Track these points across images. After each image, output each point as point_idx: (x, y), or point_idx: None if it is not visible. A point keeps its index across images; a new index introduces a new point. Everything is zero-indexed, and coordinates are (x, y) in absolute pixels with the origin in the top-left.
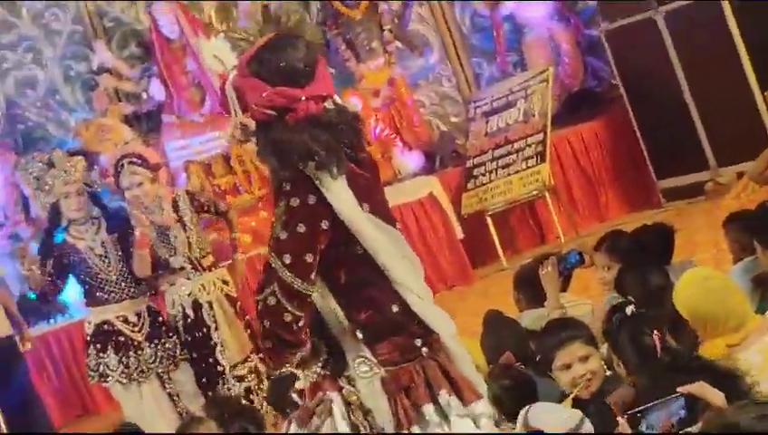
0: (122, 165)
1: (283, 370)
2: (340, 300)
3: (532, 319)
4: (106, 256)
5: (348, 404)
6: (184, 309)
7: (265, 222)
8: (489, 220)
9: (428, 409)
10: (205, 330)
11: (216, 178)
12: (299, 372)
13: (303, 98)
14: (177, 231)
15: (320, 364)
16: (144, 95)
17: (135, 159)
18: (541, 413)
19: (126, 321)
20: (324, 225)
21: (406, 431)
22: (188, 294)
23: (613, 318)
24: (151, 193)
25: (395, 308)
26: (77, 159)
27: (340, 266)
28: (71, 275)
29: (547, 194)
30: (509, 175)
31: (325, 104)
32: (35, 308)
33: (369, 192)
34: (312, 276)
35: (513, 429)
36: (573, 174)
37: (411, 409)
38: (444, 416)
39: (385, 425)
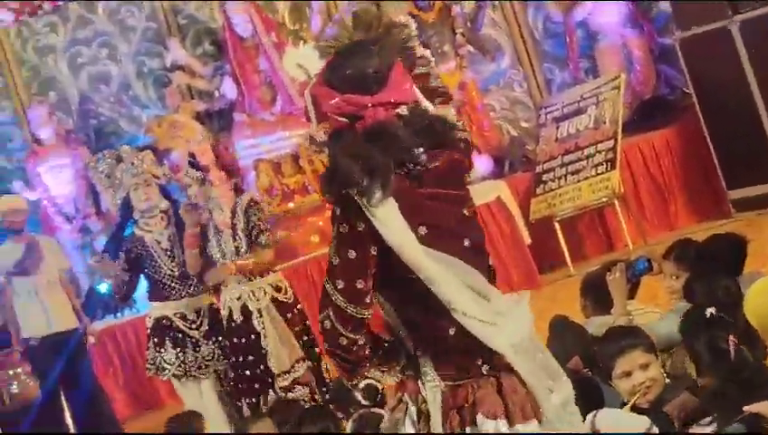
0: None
1: (357, 381)
2: (401, 320)
3: (598, 326)
4: (171, 251)
5: (419, 411)
6: (231, 312)
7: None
8: (557, 226)
9: (470, 430)
10: (253, 337)
11: (285, 178)
12: (379, 376)
13: (370, 105)
14: (227, 237)
15: (399, 367)
16: (216, 93)
17: (190, 159)
18: (610, 418)
19: (184, 318)
20: (374, 251)
21: None
22: (238, 298)
23: (693, 318)
24: (202, 195)
25: (452, 331)
26: (144, 152)
27: (394, 288)
28: (141, 268)
29: (616, 201)
30: (578, 181)
31: (398, 111)
32: (103, 301)
33: (427, 211)
34: (367, 300)
35: None
36: (643, 182)
37: (458, 428)
38: None
39: None
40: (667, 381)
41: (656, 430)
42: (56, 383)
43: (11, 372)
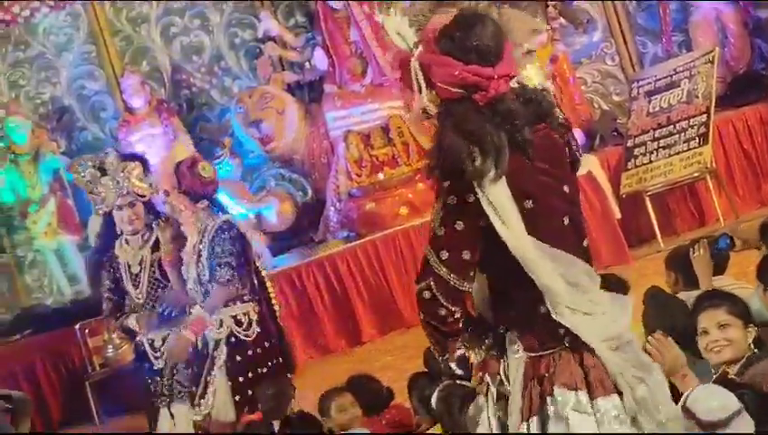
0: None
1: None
2: (492, 292)
3: (686, 300)
4: (137, 277)
5: (499, 394)
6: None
7: (422, 194)
8: (648, 201)
9: (550, 400)
10: (205, 369)
11: (375, 149)
12: (468, 353)
13: (496, 76)
14: (190, 264)
15: (484, 345)
16: (307, 64)
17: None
18: (699, 397)
19: (152, 346)
20: (483, 222)
21: (526, 422)
22: None
23: None
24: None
25: (543, 309)
26: (131, 165)
27: (492, 260)
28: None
29: (708, 176)
30: (670, 156)
31: (510, 84)
32: None
33: (537, 186)
34: (471, 273)
35: None
36: (736, 157)
37: (538, 398)
38: (560, 410)
39: (514, 411)
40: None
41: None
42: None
43: (106, 337)
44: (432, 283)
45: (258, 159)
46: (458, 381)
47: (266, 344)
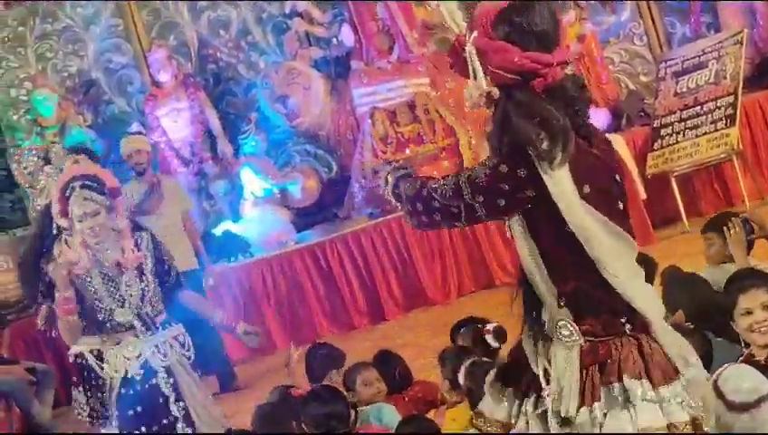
0: (73, 188)
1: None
2: (548, 267)
3: (725, 272)
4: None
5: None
6: (127, 374)
7: (446, 172)
8: (673, 181)
9: (617, 386)
10: (161, 400)
11: (401, 127)
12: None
13: (555, 63)
14: (132, 278)
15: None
16: (334, 40)
17: (89, 182)
18: (730, 377)
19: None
20: (530, 193)
21: (587, 407)
22: (137, 357)
23: None
24: (106, 225)
25: (599, 288)
26: (78, 157)
27: (549, 235)
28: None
29: (735, 158)
30: (697, 137)
31: (566, 71)
32: (217, 245)
33: (593, 171)
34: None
35: None
36: (762, 139)
37: (599, 385)
38: (628, 398)
39: (570, 397)
40: None
41: None
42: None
43: None
44: (463, 208)
45: (284, 134)
46: (485, 358)
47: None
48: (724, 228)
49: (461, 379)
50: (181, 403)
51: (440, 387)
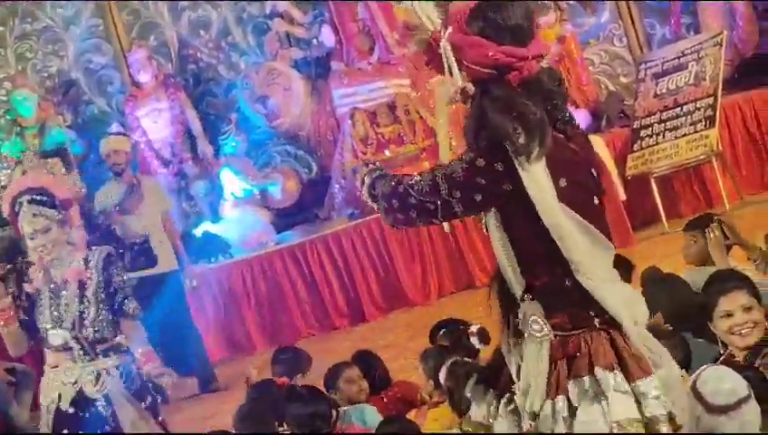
0: (20, 204)
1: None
2: (520, 261)
3: (703, 274)
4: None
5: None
6: (59, 402)
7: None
8: (653, 183)
9: (587, 379)
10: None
11: (381, 127)
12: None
13: (530, 57)
14: (71, 296)
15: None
16: (314, 41)
17: (37, 196)
18: (709, 378)
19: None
20: (507, 187)
21: (551, 400)
22: (73, 383)
23: None
24: (60, 240)
25: (568, 282)
26: (52, 162)
27: (523, 230)
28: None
29: (714, 159)
30: (676, 138)
31: (541, 64)
32: (197, 246)
33: (570, 165)
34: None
35: None
36: (741, 140)
37: (566, 379)
38: (601, 391)
39: (536, 392)
40: None
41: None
42: (153, 323)
43: None
44: (440, 204)
45: (264, 135)
46: (466, 358)
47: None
48: (706, 231)
49: (442, 379)
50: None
51: (422, 387)
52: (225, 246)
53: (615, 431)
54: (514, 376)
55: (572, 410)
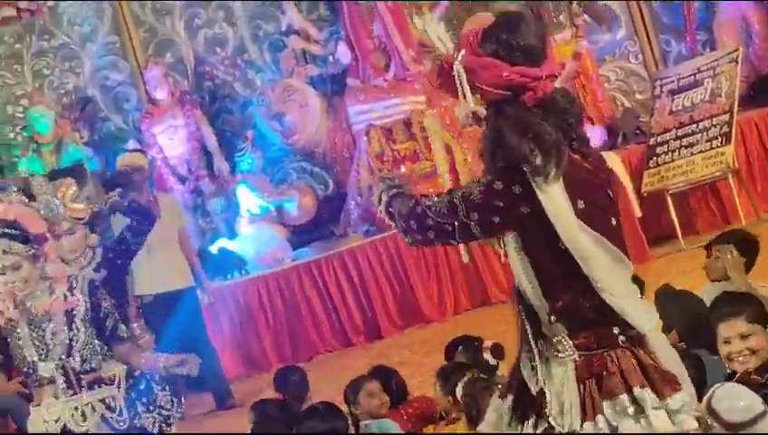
0: None
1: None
2: (541, 283)
3: (716, 290)
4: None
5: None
6: None
7: (443, 189)
8: (669, 199)
9: (624, 398)
10: None
11: (397, 144)
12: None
13: (544, 77)
14: (59, 325)
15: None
16: (330, 58)
17: (8, 230)
18: (724, 397)
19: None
20: (525, 209)
21: (590, 422)
22: (56, 421)
23: None
24: (33, 277)
25: (591, 302)
26: (65, 184)
27: (543, 252)
28: None
29: (730, 176)
30: (692, 155)
31: (555, 84)
32: (213, 263)
33: (587, 186)
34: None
35: None
36: (757, 157)
37: (600, 398)
38: (641, 409)
39: (573, 412)
40: None
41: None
42: (170, 339)
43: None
44: (457, 226)
45: (280, 151)
46: (482, 374)
47: None
48: (721, 251)
49: (458, 395)
50: None
51: (438, 403)
52: (241, 262)
53: None
54: (547, 398)
55: (612, 430)
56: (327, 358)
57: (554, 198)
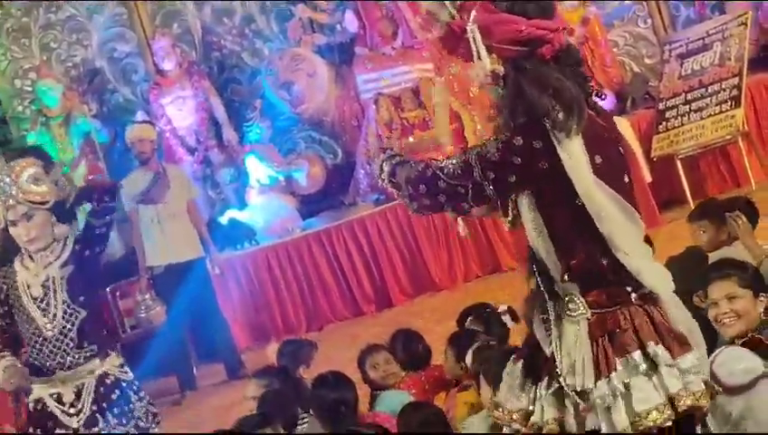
0: None
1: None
2: (554, 241)
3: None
4: (44, 301)
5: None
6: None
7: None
8: (679, 164)
9: (637, 355)
10: None
11: (405, 112)
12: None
13: (561, 28)
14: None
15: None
16: (338, 27)
17: None
18: (725, 361)
19: (60, 400)
20: (543, 165)
21: (604, 378)
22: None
23: None
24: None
25: (605, 261)
26: (21, 164)
27: (556, 209)
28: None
29: (740, 139)
30: (702, 119)
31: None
32: (223, 233)
33: (603, 141)
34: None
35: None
36: (767, 119)
37: (613, 354)
38: (653, 366)
39: (585, 370)
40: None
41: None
42: (181, 310)
43: (139, 298)
44: (471, 187)
45: (289, 121)
46: (491, 341)
47: None
48: (732, 221)
49: (468, 362)
50: None
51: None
52: (250, 232)
53: (677, 404)
54: (556, 357)
55: (625, 387)
56: (338, 327)
57: (574, 153)
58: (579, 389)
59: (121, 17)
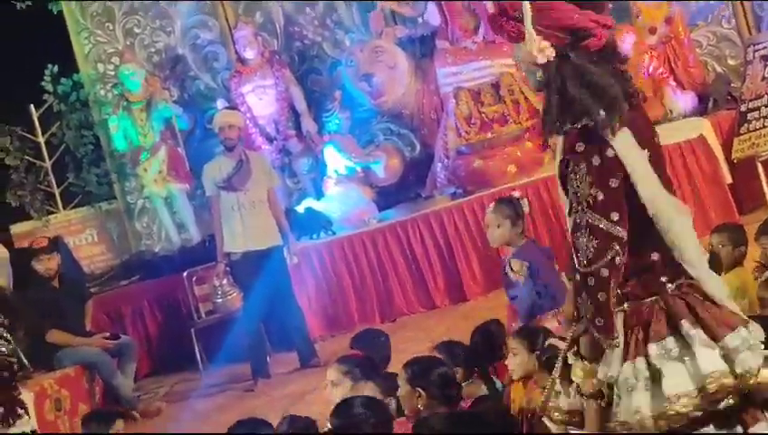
0: None
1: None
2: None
3: None
4: None
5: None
6: None
7: (530, 153)
8: (760, 166)
9: (669, 341)
10: None
11: (485, 107)
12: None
13: (610, 24)
14: None
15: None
16: (420, 19)
17: None
18: None
19: None
20: (623, 172)
21: (631, 362)
22: None
23: None
24: None
25: (655, 256)
26: None
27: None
28: None
29: None
30: None
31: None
32: (299, 222)
33: (648, 137)
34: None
35: None
36: None
37: (643, 343)
38: (687, 346)
39: (612, 360)
40: None
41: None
42: (257, 298)
43: (216, 284)
44: (617, 247)
45: (368, 113)
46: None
47: None
48: None
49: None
50: None
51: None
52: (327, 222)
53: (707, 385)
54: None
55: (653, 372)
56: (411, 319)
57: (627, 149)
58: (604, 379)
59: (205, 5)
